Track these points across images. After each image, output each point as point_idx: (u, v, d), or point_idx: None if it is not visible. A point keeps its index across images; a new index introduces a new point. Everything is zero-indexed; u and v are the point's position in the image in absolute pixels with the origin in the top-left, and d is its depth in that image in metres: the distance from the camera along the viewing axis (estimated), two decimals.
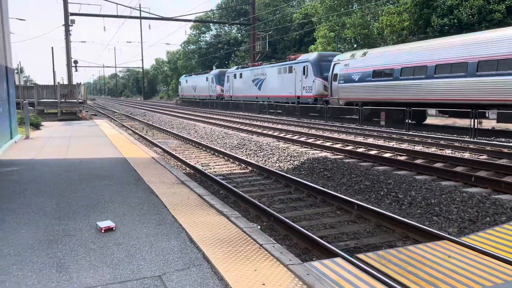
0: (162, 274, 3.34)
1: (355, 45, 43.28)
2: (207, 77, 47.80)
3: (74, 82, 29.33)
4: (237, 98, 38.77)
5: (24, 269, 3.46)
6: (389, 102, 19.81)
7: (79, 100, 24.83)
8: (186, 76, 58.88)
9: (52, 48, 54.42)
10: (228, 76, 41.04)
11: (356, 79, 21.99)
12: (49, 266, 3.51)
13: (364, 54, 22.17)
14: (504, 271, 3.97)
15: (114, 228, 4.41)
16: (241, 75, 37.85)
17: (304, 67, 27.14)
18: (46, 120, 21.54)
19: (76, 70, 39.97)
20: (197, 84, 50.93)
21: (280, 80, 30.38)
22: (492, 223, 6.10)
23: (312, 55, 27.74)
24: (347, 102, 23.09)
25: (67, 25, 33.81)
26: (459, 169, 9.54)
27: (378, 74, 20.54)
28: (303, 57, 28.56)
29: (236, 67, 41.76)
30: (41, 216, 4.93)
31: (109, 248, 3.90)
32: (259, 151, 13.26)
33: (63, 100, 24.50)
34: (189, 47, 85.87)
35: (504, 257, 4.23)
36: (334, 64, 23.96)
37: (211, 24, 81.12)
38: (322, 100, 25.51)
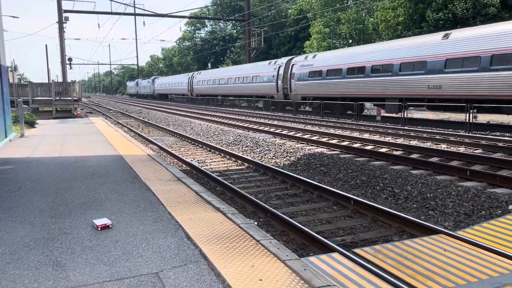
0: (159, 271, 3.34)
1: (350, 41, 43.27)
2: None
3: (69, 80, 29.17)
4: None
5: (20, 267, 3.45)
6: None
7: (74, 98, 24.70)
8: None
9: (46, 45, 54.04)
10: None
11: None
12: (45, 265, 3.50)
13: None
14: (499, 264, 4.00)
15: (110, 226, 4.40)
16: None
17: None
18: (41, 118, 21.43)
19: (71, 68, 39.78)
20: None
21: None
22: (487, 217, 6.14)
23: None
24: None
25: (61, 22, 33.58)
26: (454, 163, 9.58)
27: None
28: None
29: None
30: (37, 214, 4.90)
31: (105, 246, 3.89)
32: (256, 147, 13.26)
33: (58, 98, 24.37)
34: (184, 43, 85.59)
35: (499, 250, 4.26)
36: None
37: (206, 21, 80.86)
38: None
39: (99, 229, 4.32)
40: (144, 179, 6.70)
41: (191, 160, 11.32)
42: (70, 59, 38.84)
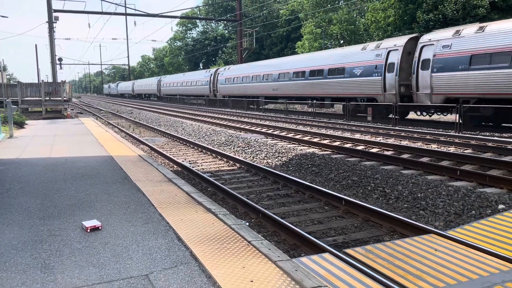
0: (149, 273, 3.31)
1: (341, 41, 43.44)
2: None
3: (59, 80, 28.89)
4: None
5: (8, 270, 3.39)
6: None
7: (64, 98, 24.49)
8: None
9: (36, 45, 53.54)
10: None
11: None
12: (34, 267, 3.45)
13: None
14: (489, 264, 4.02)
15: (100, 228, 4.35)
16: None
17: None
18: (30, 119, 21.21)
19: (61, 68, 39.40)
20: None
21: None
22: (477, 216, 6.18)
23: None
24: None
25: (50, 22, 33.26)
26: (444, 163, 9.64)
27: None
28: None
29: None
30: (25, 216, 4.84)
31: (95, 248, 3.84)
32: (247, 148, 13.24)
33: (48, 98, 24.14)
34: (175, 43, 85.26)
35: (489, 250, 4.29)
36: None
37: (197, 21, 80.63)
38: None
39: (89, 230, 4.27)
40: (134, 180, 6.65)
41: (183, 161, 11.27)
42: (60, 59, 38.45)
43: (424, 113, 18.94)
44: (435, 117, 21.52)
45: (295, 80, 25.95)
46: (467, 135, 13.68)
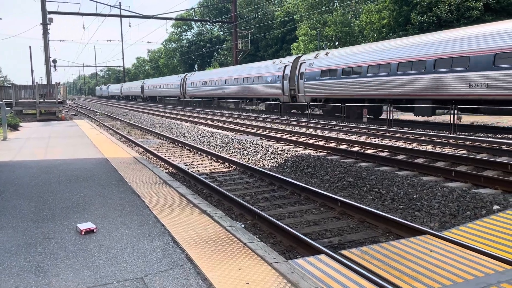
0: (145, 275, 3.29)
1: (336, 43, 43.54)
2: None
3: (53, 82, 28.75)
4: None
5: (1, 274, 3.36)
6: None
7: (59, 100, 24.36)
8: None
9: (30, 47, 53.23)
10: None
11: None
12: (28, 271, 3.42)
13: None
14: (484, 264, 4.04)
15: (95, 230, 4.33)
16: None
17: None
18: (24, 121, 21.08)
19: (55, 70, 39.23)
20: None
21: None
22: (472, 217, 6.20)
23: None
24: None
25: (45, 23, 33.12)
26: (439, 164, 9.68)
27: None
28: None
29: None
30: (19, 219, 4.80)
31: (89, 251, 3.82)
32: (243, 149, 13.23)
33: (42, 100, 24.01)
34: (170, 45, 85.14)
35: (484, 250, 4.30)
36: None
37: (192, 22, 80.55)
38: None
39: (83, 233, 4.25)
40: (129, 182, 6.62)
41: (178, 163, 11.24)
42: (54, 61, 38.26)
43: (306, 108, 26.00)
44: (430, 118, 21.62)
45: (236, 85, 34.85)
46: (461, 136, 13.75)
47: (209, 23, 75.83)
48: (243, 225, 5.85)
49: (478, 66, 15.04)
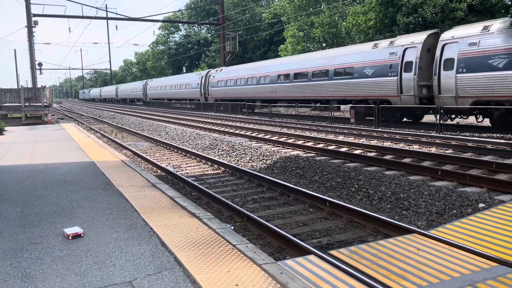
0: (133, 279, 3.27)
1: (324, 44, 43.76)
2: None
3: (39, 85, 28.39)
4: None
5: None
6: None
7: (45, 104, 24.06)
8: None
9: (15, 50, 52.55)
10: None
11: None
12: (14, 276, 3.37)
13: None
14: (471, 262, 4.09)
15: (82, 235, 4.28)
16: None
17: None
18: (9, 125, 20.77)
19: (41, 73, 38.77)
20: None
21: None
22: (458, 215, 6.29)
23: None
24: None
25: (30, 26, 32.68)
26: (426, 163, 9.78)
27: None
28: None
29: None
30: (5, 224, 4.73)
31: (77, 255, 3.78)
32: (232, 151, 13.22)
33: (28, 104, 23.68)
34: (158, 47, 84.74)
35: (470, 248, 4.36)
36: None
37: (180, 24, 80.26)
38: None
39: (70, 238, 4.20)
40: (117, 186, 6.57)
41: (166, 165, 11.18)
42: (40, 64, 37.77)
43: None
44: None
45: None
46: (447, 135, 13.92)
47: (196, 25, 75.69)
48: (232, 227, 5.85)
49: (362, 74, 19.16)
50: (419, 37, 17.35)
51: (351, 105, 21.00)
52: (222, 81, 34.61)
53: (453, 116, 17.06)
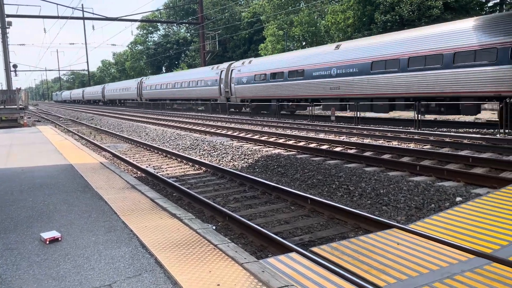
0: (112, 283, 3.21)
1: (303, 43, 43.96)
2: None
3: (14, 87, 27.70)
4: None
5: None
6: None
7: (20, 106, 23.51)
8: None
9: None
10: None
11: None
12: None
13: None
14: (448, 255, 4.17)
15: (59, 239, 4.19)
16: None
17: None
18: None
19: (16, 75, 37.76)
20: None
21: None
22: (437, 209, 6.40)
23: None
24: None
25: (3, 27, 31.85)
26: (405, 159, 9.94)
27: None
28: None
29: None
30: None
31: (54, 260, 3.70)
32: (213, 151, 13.16)
33: (2, 107, 23.12)
34: (136, 47, 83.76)
35: (448, 241, 4.45)
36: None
37: (159, 24, 79.49)
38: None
39: (47, 242, 4.11)
40: (96, 188, 6.46)
41: (147, 167, 11.06)
42: (15, 66, 36.83)
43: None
44: (395, 114, 22.18)
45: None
46: (425, 131, 14.17)
47: (175, 25, 75.09)
48: (214, 227, 5.83)
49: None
50: (225, 65, 32.01)
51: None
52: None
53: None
